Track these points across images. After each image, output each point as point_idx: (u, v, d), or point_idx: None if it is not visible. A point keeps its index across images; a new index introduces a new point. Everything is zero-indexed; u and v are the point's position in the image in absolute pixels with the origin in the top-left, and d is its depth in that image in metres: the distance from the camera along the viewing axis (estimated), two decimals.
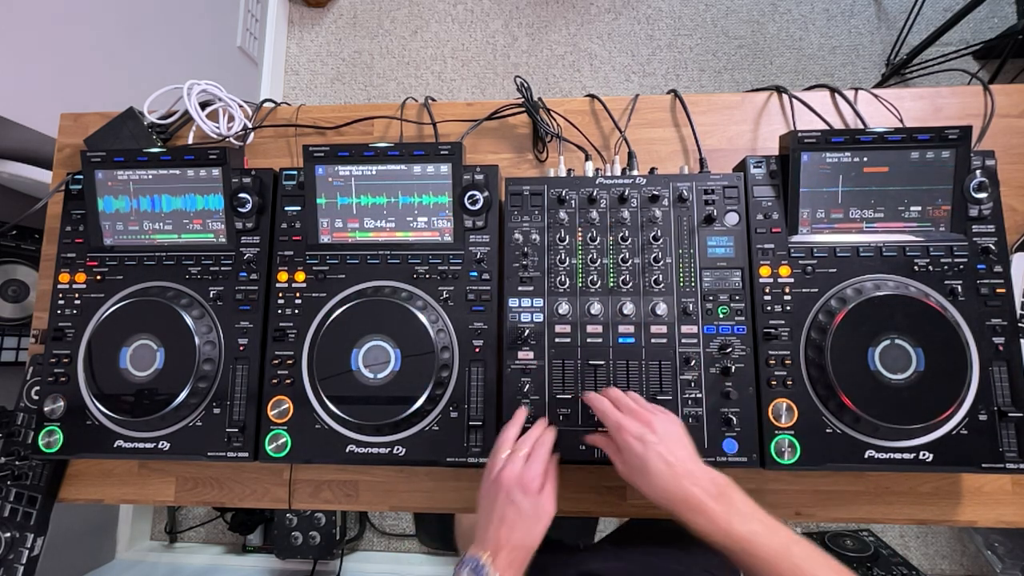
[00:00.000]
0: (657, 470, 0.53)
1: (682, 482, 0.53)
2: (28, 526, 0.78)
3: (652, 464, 0.54)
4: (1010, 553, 1.45)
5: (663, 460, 0.54)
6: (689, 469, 0.53)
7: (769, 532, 0.50)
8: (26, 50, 1.06)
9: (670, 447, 0.55)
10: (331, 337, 0.72)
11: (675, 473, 0.53)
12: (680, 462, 0.54)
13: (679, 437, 0.56)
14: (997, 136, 0.80)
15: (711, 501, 0.52)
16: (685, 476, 0.53)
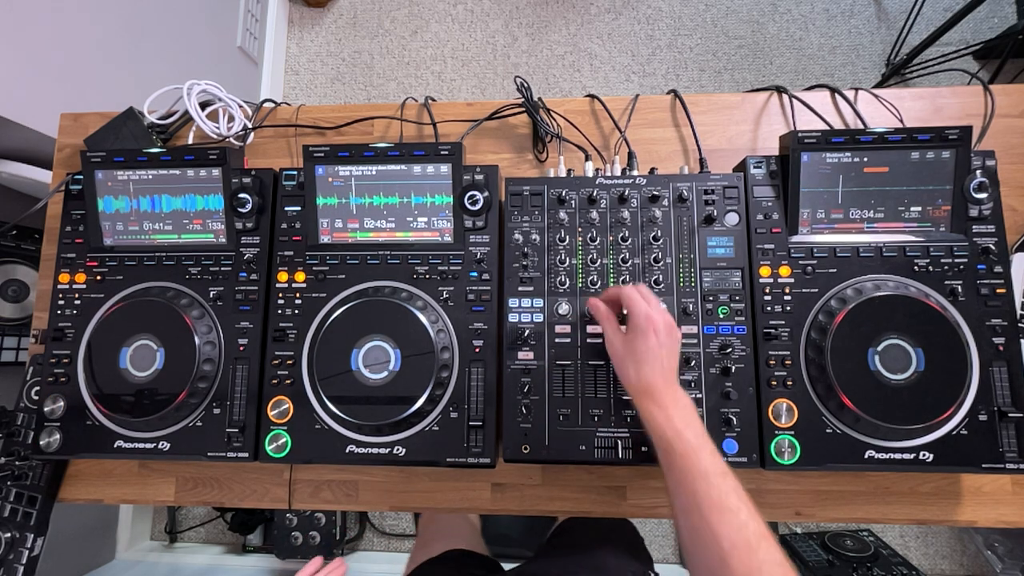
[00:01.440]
0: (652, 365, 0.61)
1: (662, 384, 0.60)
2: (28, 526, 0.78)
3: (652, 359, 0.61)
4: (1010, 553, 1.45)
5: (661, 362, 0.61)
6: (672, 379, 0.61)
7: (710, 454, 0.55)
8: (26, 50, 1.06)
9: (671, 353, 0.62)
10: (331, 337, 0.72)
11: (664, 376, 0.60)
12: (671, 372, 0.61)
13: (677, 354, 0.63)
14: (997, 136, 0.80)
15: (673, 407, 0.58)
16: (667, 380, 0.60)
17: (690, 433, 0.56)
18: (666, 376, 0.60)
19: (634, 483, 0.77)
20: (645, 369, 0.61)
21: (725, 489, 0.52)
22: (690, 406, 0.59)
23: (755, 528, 0.50)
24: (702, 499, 0.52)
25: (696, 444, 0.55)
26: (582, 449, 0.69)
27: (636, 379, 0.61)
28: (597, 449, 0.69)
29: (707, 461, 0.54)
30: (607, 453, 0.68)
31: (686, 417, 0.57)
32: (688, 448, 0.55)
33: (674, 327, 0.63)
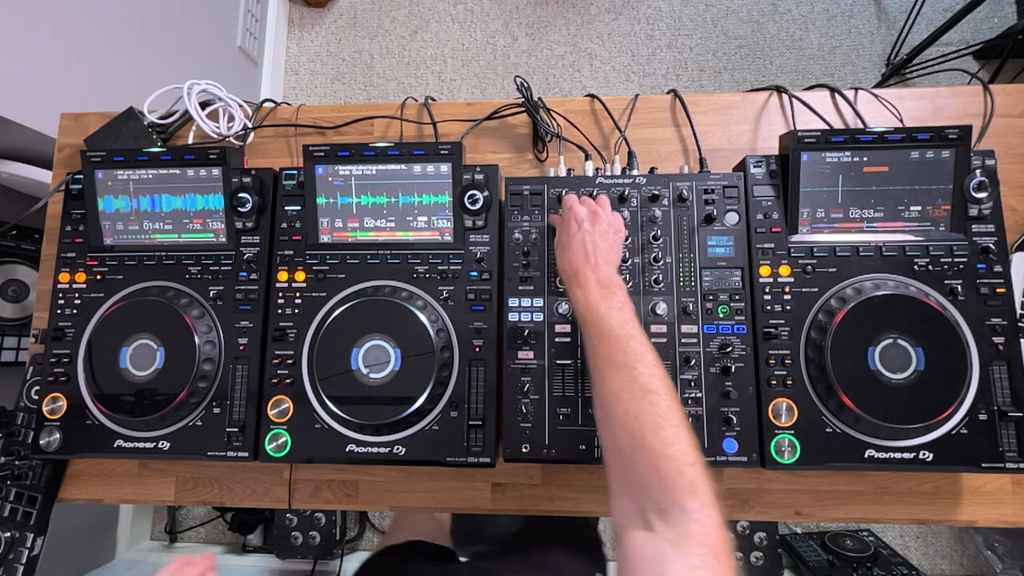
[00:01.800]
0: (574, 249, 0.64)
1: (583, 264, 0.63)
2: (28, 526, 0.78)
3: (574, 244, 0.64)
4: (1010, 553, 1.45)
5: (583, 245, 0.63)
6: (597, 261, 0.63)
7: (621, 322, 0.57)
8: (26, 50, 1.06)
9: (596, 241, 0.64)
10: (331, 337, 0.72)
11: (585, 257, 0.63)
12: (595, 254, 0.63)
13: (610, 242, 0.65)
14: (997, 136, 0.80)
15: (595, 284, 0.61)
16: (589, 262, 0.63)
17: (604, 306, 0.58)
18: (591, 260, 0.62)
19: None
20: (566, 254, 0.64)
21: (624, 349, 0.54)
22: (615, 284, 0.60)
23: (644, 379, 0.52)
24: (601, 358, 0.55)
25: (605, 315, 0.57)
26: (582, 449, 0.69)
27: (560, 264, 0.65)
28: (597, 449, 0.69)
29: (616, 325, 0.56)
30: None
31: (608, 299, 0.59)
32: (596, 318, 0.57)
33: (602, 218, 0.65)
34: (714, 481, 0.47)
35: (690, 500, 0.45)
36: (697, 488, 0.46)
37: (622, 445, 0.50)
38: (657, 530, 0.45)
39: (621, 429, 0.51)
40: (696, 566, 0.41)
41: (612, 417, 0.52)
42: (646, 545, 0.45)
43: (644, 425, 0.49)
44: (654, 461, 0.47)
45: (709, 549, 0.42)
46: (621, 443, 0.51)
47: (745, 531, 1.50)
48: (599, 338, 0.57)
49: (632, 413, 0.51)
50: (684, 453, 0.47)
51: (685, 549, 0.42)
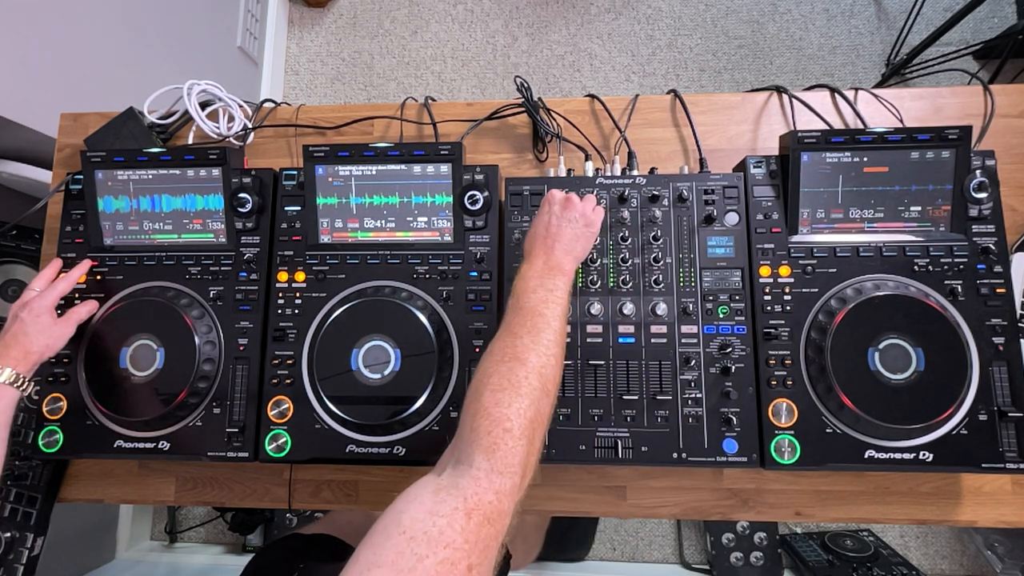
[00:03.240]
0: (536, 228, 0.66)
1: (539, 243, 0.64)
2: (28, 526, 0.78)
3: (539, 223, 0.66)
4: (1010, 553, 1.45)
5: (546, 227, 0.65)
6: (553, 244, 0.64)
7: (540, 300, 0.58)
8: (26, 50, 1.06)
9: (561, 225, 0.65)
10: (331, 337, 0.72)
11: (544, 238, 0.64)
12: (554, 237, 0.64)
13: (576, 232, 0.65)
14: (997, 136, 0.80)
15: (542, 264, 0.62)
16: (545, 243, 0.64)
17: (538, 293, 0.58)
18: (547, 242, 0.63)
19: (634, 483, 0.77)
20: (529, 232, 0.66)
21: (524, 323, 0.55)
22: (558, 281, 0.60)
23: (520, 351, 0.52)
24: (516, 297, 0.58)
25: (535, 271, 0.60)
26: (582, 449, 0.69)
27: (526, 242, 0.66)
28: (597, 449, 0.69)
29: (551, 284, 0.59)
30: (607, 453, 0.68)
31: (546, 282, 0.59)
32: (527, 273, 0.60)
33: (575, 206, 0.66)
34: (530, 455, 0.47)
35: (481, 458, 0.44)
36: (497, 451, 0.44)
37: (466, 399, 0.51)
38: (440, 476, 0.44)
39: (473, 383, 0.51)
40: (438, 514, 0.39)
41: (475, 374, 0.53)
42: (418, 484, 0.43)
43: (489, 384, 0.49)
44: (475, 415, 0.47)
45: (463, 505, 0.40)
46: (467, 397, 0.51)
47: (745, 531, 1.50)
48: (514, 309, 0.57)
49: (488, 372, 0.51)
50: (506, 417, 0.46)
51: (442, 496, 0.41)
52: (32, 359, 0.68)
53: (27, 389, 0.67)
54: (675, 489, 0.77)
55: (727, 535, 1.50)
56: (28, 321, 0.69)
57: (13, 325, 0.70)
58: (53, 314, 0.72)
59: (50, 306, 0.72)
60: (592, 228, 0.67)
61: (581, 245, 0.65)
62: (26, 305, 0.71)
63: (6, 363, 0.66)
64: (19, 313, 0.70)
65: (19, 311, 0.71)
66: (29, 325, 0.69)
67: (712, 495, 0.76)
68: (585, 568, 1.57)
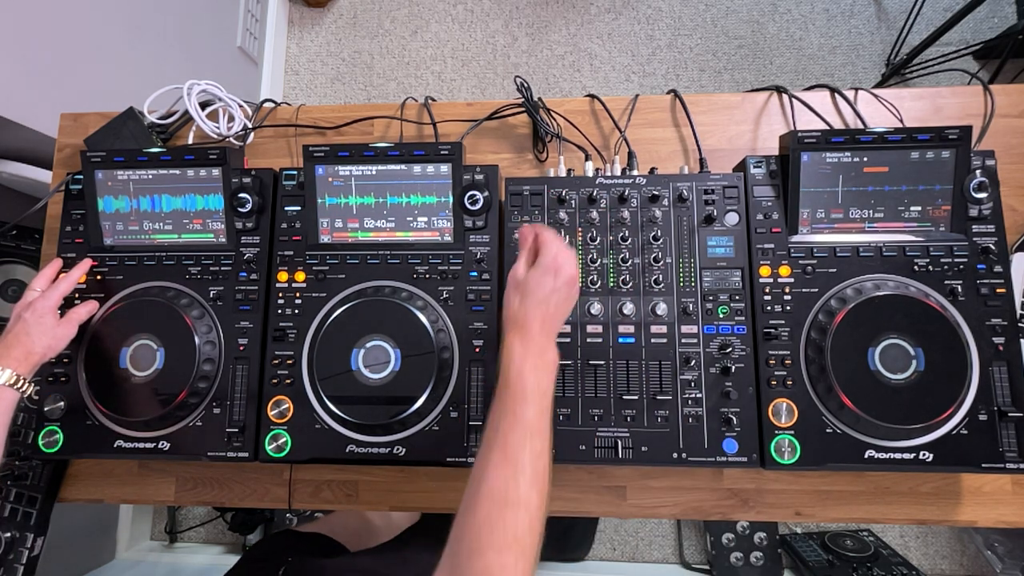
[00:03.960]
0: (538, 303, 0.58)
1: (540, 324, 0.58)
2: (28, 526, 0.78)
3: (542, 296, 0.59)
4: (1010, 553, 1.45)
5: (548, 305, 0.59)
6: (553, 327, 0.59)
7: (539, 413, 0.53)
8: (26, 50, 1.06)
9: (561, 304, 0.60)
10: (331, 337, 0.72)
11: (546, 318, 0.59)
12: (554, 319, 0.59)
13: (568, 308, 0.61)
14: (997, 136, 0.80)
15: (537, 352, 0.57)
16: (546, 326, 0.59)
17: (531, 380, 0.54)
18: (545, 322, 0.58)
19: (634, 483, 0.77)
20: (529, 302, 0.58)
21: (523, 444, 0.51)
22: (553, 364, 0.57)
23: (523, 490, 0.48)
24: (500, 439, 0.51)
25: (529, 393, 0.53)
26: (582, 449, 0.69)
27: (517, 309, 0.59)
28: (597, 449, 0.69)
29: (530, 413, 0.52)
30: (607, 453, 0.68)
31: (538, 365, 0.55)
32: (520, 392, 0.53)
33: (575, 282, 0.61)
34: None
35: None
36: None
37: (463, 531, 0.48)
38: None
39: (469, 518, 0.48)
40: None
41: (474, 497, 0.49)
42: None
43: (493, 542, 0.46)
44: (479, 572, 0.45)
45: None
46: (462, 527, 0.48)
47: (745, 531, 1.50)
48: (511, 417, 0.52)
49: (491, 521, 0.47)
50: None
51: None
52: (33, 360, 0.68)
53: (27, 390, 0.67)
54: (675, 489, 0.77)
55: (727, 535, 1.50)
56: (31, 322, 0.69)
57: (16, 325, 0.70)
58: (56, 315, 0.72)
59: (53, 307, 0.72)
60: (574, 301, 0.62)
61: (564, 309, 0.60)
62: (30, 306, 0.71)
63: (7, 364, 0.66)
64: (22, 314, 0.70)
65: (22, 311, 0.71)
66: (32, 326, 0.69)
67: (712, 495, 0.76)
68: (585, 568, 1.57)
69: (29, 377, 0.68)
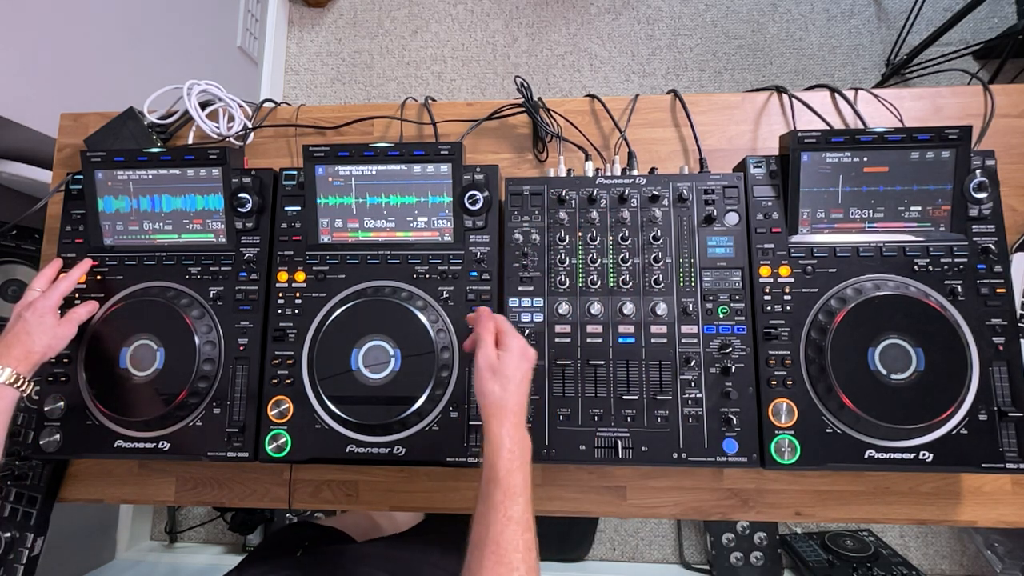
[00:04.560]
0: (520, 391, 0.60)
1: (519, 410, 0.59)
2: (28, 526, 0.78)
3: (523, 384, 0.60)
4: (1010, 553, 1.45)
5: (524, 393, 0.60)
6: (525, 415, 0.60)
7: (520, 490, 0.54)
8: (26, 50, 1.06)
9: (528, 384, 0.61)
10: (331, 337, 0.72)
11: (522, 405, 0.60)
12: (526, 407, 0.61)
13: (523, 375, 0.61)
14: (997, 136, 0.80)
15: (520, 437, 0.58)
16: (521, 412, 0.59)
17: (519, 477, 0.55)
18: (523, 407, 0.60)
19: (634, 483, 0.77)
20: (512, 388, 0.59)
21: (516, 543, 0.51)
22: (529, 448, 0.58)
23: None
24: (492, 539, 0.51)
25: (518, 489, 0.54)
26: (582, 449, 0.69)
27: (501, 395, 0.58)
28: (597, 449, 0.69)
29: (519, 509, 0.53)
30: (607, 453, 0.68)
31: (524, 458, 0.56)
32: (511, 489, 0.54)
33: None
34: None
35: None
36: None
37: None
38: None
39: None
40: None
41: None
42: None
43: None
44: None
45: None
46: None
47: (745, 531, 1.50)
48: (500, 515, 0.53)
49: None
50: None
51: None
52: (33, 359, 0.68)
53: (27, 389, 0.67)
54: (675, 489, 0.77)
55: (727, 535, 1.50)
56: (32, 321, 0.70)
57: (16, 325, 0.70)
58: (56, 315, 0.72)
59: (54, 306, 0.72)
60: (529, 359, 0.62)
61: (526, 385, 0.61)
62: (31, 305, 0.71)
63: (7, 363, 0.66)
64: (23, 313, 0.70)
65: (23, 311, 0.71)
66: (33, 325, 0.69)
67: (712, 495, 0.76)
68: (585, 568, 1.57)
69: (29, 376, 0.68)
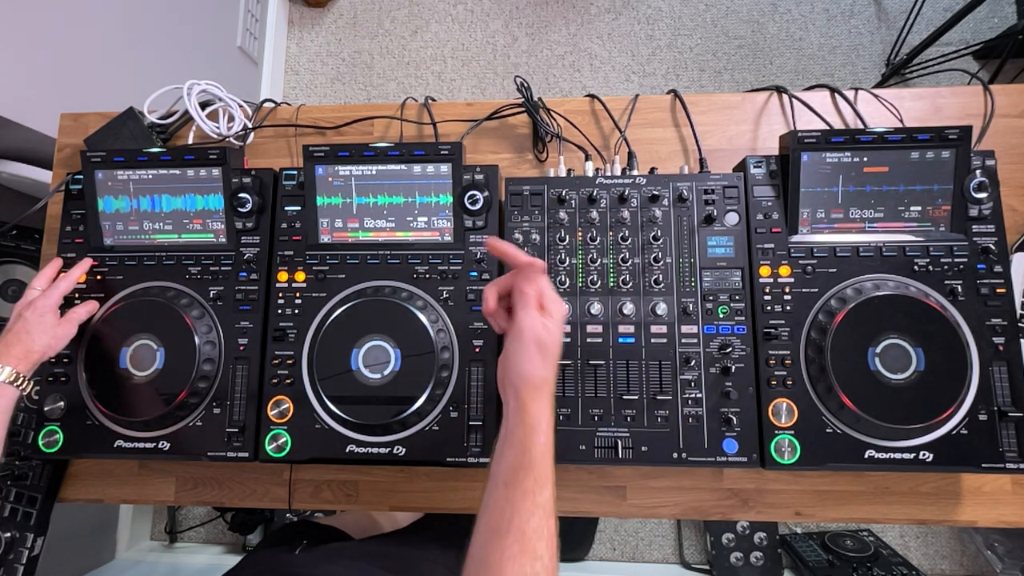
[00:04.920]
0: (556, 355, 0.56)
1: (551, 379, 0.56)
2: (28, 526, 0.78)
3: (558, 355, 0.56)
4: (1010, 553, 1.45)
5: (558, 358, 0.57)
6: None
7: (548, 474, 0.52)
8: (26, 50, 1.06)
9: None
10: (331, 337, 0.72)
11: (556, 368, 0.56)
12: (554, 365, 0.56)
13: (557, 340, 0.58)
14: (997, 136, 0.80)
15: (550, 414, 0.55)
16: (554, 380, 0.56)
17: (551, 461, 0.52)
18: (553, 366, 0.56)
19: (634, 483, 0.77)
20: (553, 363, 0.55)
21: (542, 530, 0.50)
22: (553, 427, 0.55)
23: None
24: (517, 527, 0.49)
25: (549, 474, 0.52)
26: (582, 449, 0.69)
27: (543, 371, 0.54)
28: (597, 449, 0.69)
29: (547, 495, 0.51)
30: (607, 453, 0.68)
31: (552, 439, 0.54)
32: (544, 475, 0.51)
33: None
34: None
35: None
36: None
37: None
38: None
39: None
40: None
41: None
42: None
43: None
44: None
45: None
46: None
47: (745, 531, 1.50)
48: (533, 504, 0.51)
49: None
50: None
51: None
52: (33, 358, 0.69)
53: (26, 388, 0.67)
54: (675, 489, 0.77)
55: (727, 535, 1.50)
56: (32, 320, 0.70)
57: (16, 324, 0.70)
58: (56, 314, 0.72)
59: (54, 306, 0.72)
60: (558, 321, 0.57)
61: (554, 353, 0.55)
62: (31, 304, 0.71)
63: (7, 362, 0.66)
64: (23, 312, 0.71)
65: (23, 310, 0.71)
66: (33, 324, 0.69)
67: (712, 495, 0.76)
68: (585, 568, 1.57)
69: (28, 375, 0.68)
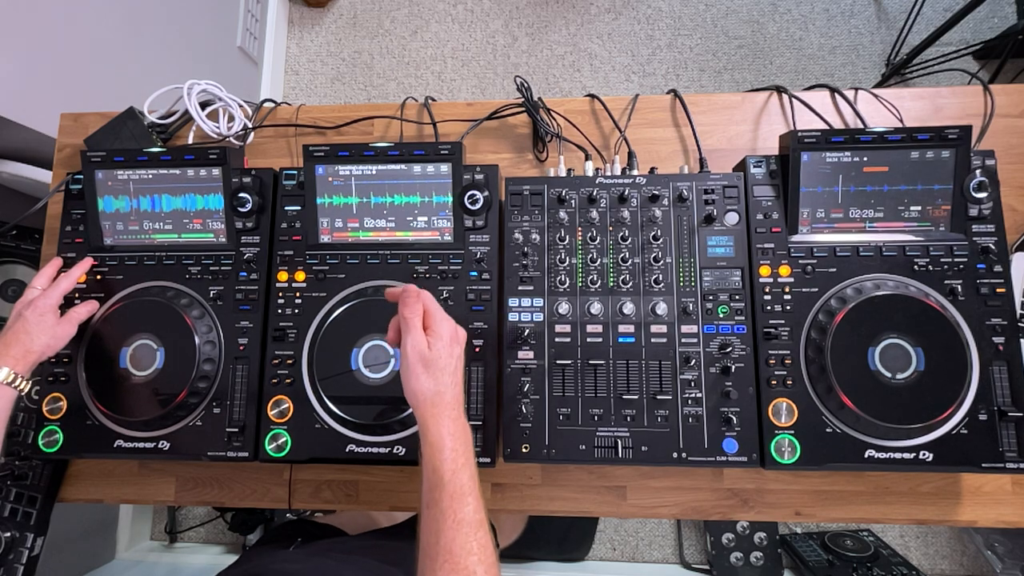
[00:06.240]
0: (455, 379, 0.57)
1: (457, 398, 0.57)
2: (28, 526, 0.78)
3: (456, 372, 0.57)
4: (1010, 553, 1.45)
5: (459, 380, 0.58)
6: (462, 402, 0.58)
7: (467, 489, 0.53)
8: (26, 50, 1.06)
9: (462, 369, 0.59)
10: (331, 337, 0.72)
11: (457, 393, 0.57)
12: (462, 394, 0.58)
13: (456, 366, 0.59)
14: (997, 136, 0.80)
15: (460, 429, 0.55)
16: (460, 399, 0.58)
17: (465, 475, 0.53)
18: (459, 397, 0.57)
19: (634, 483, 0.77)
20: (447, 380, 0.55)
21: (470, 546, 0.50)
22: (471, 439, 0.56)
23: None
24: (444, 548, 0.49)
25: (466, 489, 0.52)
26: (582, 449, 0.69)
27: (436, 390, 0.55)
28: (597, 449, 0.69)
29: (469, 510, 0.52)
30: (607, 453, 0.68)
31: (468, 453, 0.54)
32: (458, 491, 0.52)
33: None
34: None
35: None
36: None
37: None
38: None
39: None
40: None
41: None
42: None
43: None
44: None
45: None
46: None
47: (745, 531, 1.50)
48: (452, 520, 0.51)
49: None
50: None
51: None
52: (32, 358, 0.68)
53: (24, 388, 0.67)
54: (675, 489, 0.77)
55: (727, 535, 1.50)
56: (32, 320, 0.69)
57: (16, 323, 0.70)
58: (56, 313, 0.72)
59: (54, 305, 0.72)
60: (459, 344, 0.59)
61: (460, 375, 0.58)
62: (31, 304, 0.71)
63: (5, 362, 0.66)
64: (23, 311, 0.70)
65: (23, 309, 0.70)
66: (32, 324, 0.69)
67: (712, 495, 0.76)
68: (585, 568, 1.57)
69: (27, 375, 0.68)
